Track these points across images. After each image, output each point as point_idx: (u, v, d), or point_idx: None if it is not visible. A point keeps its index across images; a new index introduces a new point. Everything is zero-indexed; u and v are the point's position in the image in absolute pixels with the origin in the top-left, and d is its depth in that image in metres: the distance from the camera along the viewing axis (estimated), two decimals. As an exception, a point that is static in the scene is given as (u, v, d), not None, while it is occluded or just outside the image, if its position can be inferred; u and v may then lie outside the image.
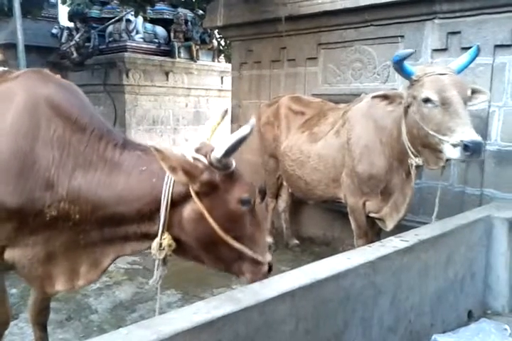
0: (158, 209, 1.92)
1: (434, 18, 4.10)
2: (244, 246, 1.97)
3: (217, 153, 1.87)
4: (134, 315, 3.38)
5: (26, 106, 2.02)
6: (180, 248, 2.00)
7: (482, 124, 3.89)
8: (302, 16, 4.91)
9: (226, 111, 2.34)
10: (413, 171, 3.11)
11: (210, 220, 1.88)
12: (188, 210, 1.93)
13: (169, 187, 1.90)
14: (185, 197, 1.91)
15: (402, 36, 4.33)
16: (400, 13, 4.23)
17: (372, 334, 2.28)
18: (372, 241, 2.95)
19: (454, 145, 2.70)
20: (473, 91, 2.91)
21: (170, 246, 1.96)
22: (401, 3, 4.15)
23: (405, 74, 3.00)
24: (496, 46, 3.79)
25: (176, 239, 1.97)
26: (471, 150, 2.65)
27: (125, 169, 1.97)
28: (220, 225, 1.89)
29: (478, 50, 2.89)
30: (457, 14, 3.96)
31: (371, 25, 4.52)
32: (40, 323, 2.60)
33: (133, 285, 3.90)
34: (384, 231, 3.58)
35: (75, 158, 1.98)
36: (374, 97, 3.13)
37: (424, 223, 3.47)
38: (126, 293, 3.75)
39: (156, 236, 1.96)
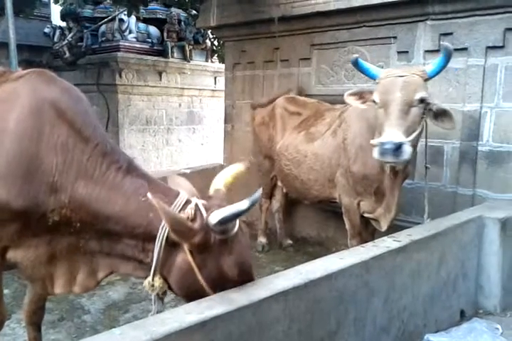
0: (150, 244, 1.92)
1: (426, 20, 4.12)
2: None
3: (213, 219, 1.81)
4: (127, 316, 3.37)
5: (31, 109, 2.01)
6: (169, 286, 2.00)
7: (474, 125, 3.92)
8: (295, 17, 4.92)
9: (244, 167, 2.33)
10: (400, 171, 3.16)
11: (199, 277, 1.86)
12: (179, 259, 1.90)
13: (164, 231, 1.87)
14: (180, 245, 1.88)
15: (394, 37, 4.35)
16: (393, 14, 4.25)
17: (365, 334, 2.29)
18: (366, 242, 2.96)
19: (375, 146, 2.74)
20: (444, 115, 2.92)
21: (161, 287, 1.96)
22: (393, 5, 4.16)
23: (370, 76, 3.09)
24: (488, 47, 3.82)
25: (164, 279, 1.96)
26: (381, 151, 2.68)
27: (124, 193, 1.97)
28: (207, 281, 1.86)
29: (450, 52, 2.85)
30: (449, 16, 3.98)
31: (364, 26, 4.54)
32: (35, 323, 2.58)
33: (126, 286, 3.88)
34: (378, 231, 3.59)
35: (78, 167, 1.99)
36: (349, 95, 3.16)
37: (417, 223, 3.50)
38: (119, 294, 3.74)
39: (149, 269, 1.95)
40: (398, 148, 2.64)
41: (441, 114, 2.94)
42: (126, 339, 1.47)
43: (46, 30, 10.25)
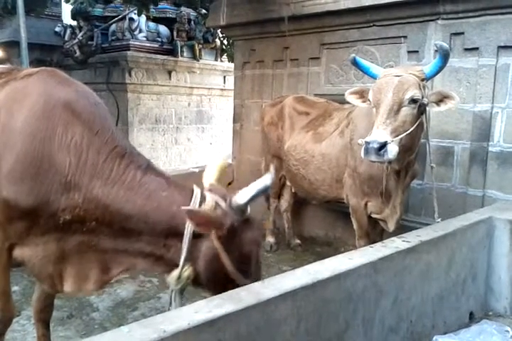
0: (175, 237, 1.99)
1: (437, 19, 4.09)
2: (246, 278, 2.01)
3: (241, 200, 1.96)
4: (136, 314, 3.38)
5: (44, 110, 2.02)
6: (195, 280, 2.06)
7: (485, 125, 3.89)
8: (305, 16, 4.91)
9: (226, 161, 2.49)
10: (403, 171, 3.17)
11: (227, 261, 1.95)
12: (206, 247, 1.98)
13: (190, 227, 1.95)
14: (204, 234, 1.97)
15: (405, 37, 4.32)
16: (403, 13, 4.23)
17: (373, 335, 2.28)
18: (374, 242, 2.95)
19: (362, 145, 2.73)
20: (445, 96, 2.89)
21: (188, 278, 2.01)
22: (404, 4, 4.14)
23: (370, 75, 3.10)
24: (500, 47, 3.78)
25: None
26: (365, 150, 2.67)
27: (144, 191, 2.01)
28: (234, 265, 1.96)
29: (447, 52, 2.80)
30: (460, 15, 3.95)
31: (374, 25, 4.52)
32: (44, 320, 2.60)
33: (134, 284, 3.90)
34: (387, 231, 3.58)
35: (93, 168, 2.00)
36: (350, 93, 3.17)
37: (427, 224, 3.47)
38: (128, 291, 3.75)
39: (170, 263, 2.03)
40: (382, 147, 2.62)
41: (441, 99, 2.91)
42: (134, 337, 1.47)
43: (57, 29, 10.33)
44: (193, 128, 10.03)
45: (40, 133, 1.99)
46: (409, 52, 4.30)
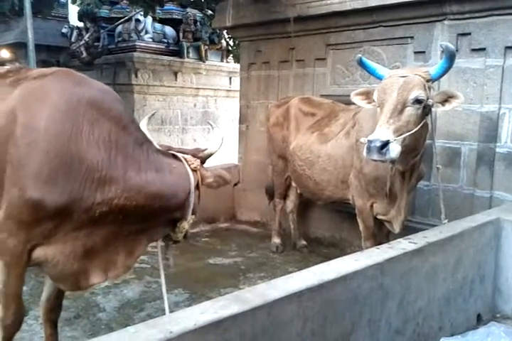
0: (187, 198, 2.37)
1: (443, 20, 4.07)
2: None
3: (213, 150, 2.62)
4: (142, 314, 3.39)
5: (67, 107, 2.04)
6: None
7: (492, 126, 3.87)
8: (311, 17, 4.91)
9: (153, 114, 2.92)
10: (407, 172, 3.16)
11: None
12: (196, 196, 2.45)
13: (193, 179, 2.40)
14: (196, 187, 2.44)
15: (411, 37, 4.31)
16: (409, 14, 4.22)
17: (379, 337, 2.27)
18: (381, 243, 2.94)
19: (364, 145, 2.72)
20: (449, 96, 2.88)
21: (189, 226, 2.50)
22: (410, 4, 4.13)
23: (376, 76, 3.10)
24: (507, 47, 3.76)
25: None
26: (368, 149, 2.66)
27: (165, 167, 2.32)
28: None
29: (452, 53, 2.78)
30: (467, 15, 3.94)
31: (380, 26, 4.51)
32: (52, 320, 2.61)
33: (141, 284, 3.91)
34: (393, 233, 3.56)
35: (125, 160, 2.13)
36: (355, 94, 3.17)
37: (433, 225, 3.46)
38: (134, 292, 3.76)
39: (176, 221, 2.43)
40: (384, 146, 2.61)
41: (446, 99, 2.89)
42: (140, 338, 1.48)
43: (64, 30, 10.39)
44: (198, 129, 10.05)
45: (66, 132, 2.01)
46: (415, 52, 4.29)
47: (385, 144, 2.61)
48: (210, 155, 2.61)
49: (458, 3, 3.91)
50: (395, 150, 2.63)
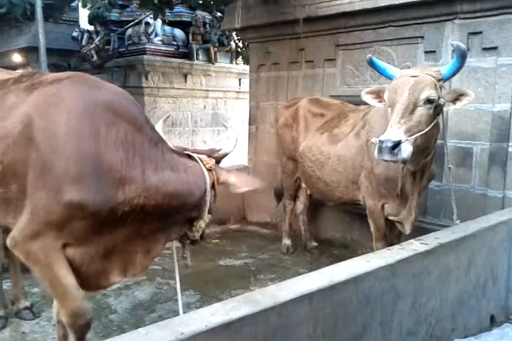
0: (203, 197, 2.39)
1: (454, 19, 4.04)
2: None
3: (228, 150, 2.64)
4: (153, 315, 3.40)
5: (85, 111, 2.09)
6: None
7: (504, 126, 3.83)
8: (320, 18, 4.90)
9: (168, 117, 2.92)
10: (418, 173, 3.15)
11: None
12: (211, 195, 2.45)
13: (209, 178, 2.42)
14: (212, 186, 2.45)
15: (421, 37, 4.28)
16: (420, 13, 4.19)
17: (391, 338, 2.26)
18: (392, 244, 2.92)
19: (376, 145, 2.69)
20: (460, 94, 2.86)
21: (207, 225, 2.50)
22: (420, 4, 4.10)
23: (387, 76, 3.08)
24: (519, 46, 3.73)
25: None
26: (379, 149, 2.64)
27: (180, 166, 2.35)
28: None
29: (463, 52, 2.76)
30: (478, 14, 3.90)
31: (390, 26, 4.49)
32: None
33: (152, 286, 3.93)
34: (404, 234, 3.54)
35: (142, 160, 2.17)
36: (366, 93, 3.15)
37: (446, 226, 3.43)
38: (146, 294, 3.78)
39: (193, 221, 2.45)
40: (396, 146, 2.59)
41: (457, 97, 2.87)
42: (152, 339, 1.48)
43: (74, 33, 10.46)
44: (208, 130, 10.06)
45: (85, 135, 2.06)
46: (426, 52, 4.27)
47: (397, 144, 2.59)
48: (225, 155, 2.63)
49: (469, 1, 3.88)
50: (406, 150, 2.61)
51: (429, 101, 2.73)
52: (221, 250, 4.93)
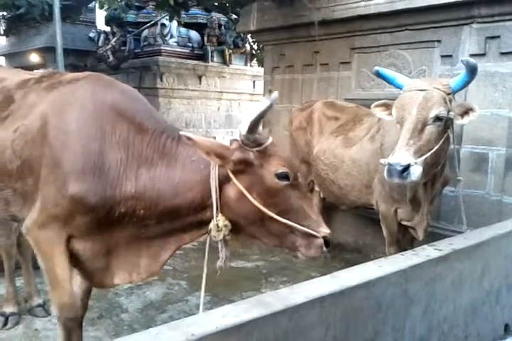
0: (209, 196, 2.01)
1: (471, 23, 4.00)
2: (293, 220, 1.97)
3: (243, 130, 1.93)
4: (164, 316, 3.41)
5: (93, 112, 2.15)
6: (235, 228, 2.06)
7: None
8: (336, 20, 4.89)
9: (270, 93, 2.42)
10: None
11: (250, 197, 1.94)
12: (231, 190, 1.99)
13: (215, 171, 1.98)
14: (228, 179, 1.99)
15: (438, 41, 4.24)
16: (437, 17, 4.15)
17: (403, 344, 2.23)
18: (404, 250, 2.89)
19: (385, 166, 2.68)
20: (469, 109, 2.81)
21: (226, 226, 2.03)
22: (438, 8, 4.07)
23: (396, 86, 3.06)
24: (538, 51, 3.68)
25: (229, 220, 2.04)
26: (388, 172, 2.63)
27: (180, 161, 2.09)
28: (262, 201, 1.95)
29: (473, 67, 2.72)
30: (496, 18, 3.86)
31: (406, 29, 4.46)
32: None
33: (163, 286, 3.94)
34: (417, 239, 3.51)
35: (139, 158, 2.12)
36: (375, 106, 3.14)
37: (459, 232, 3.39)
38: (157, 294, 3.79)
39: (210, 221, 2.05)
40: (406, 169, 2.59)
41: (466, 111, 2.83)
42: (162, 339, 1.49)
43: (91, 34, 10.58)
44: (222, 132, 10.09)
45: (92, 134, 2.11)
46: (442, 56, 4.23)
47: (406, 168, 2.59)
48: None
49: (487, 5, 3.83)
50: (415, 173, 2.62)
51: (438, 118, 2.70)
52: (233, 252, 4.88)
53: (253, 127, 1.93)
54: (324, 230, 2.03)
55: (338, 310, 1.92)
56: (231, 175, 1.96)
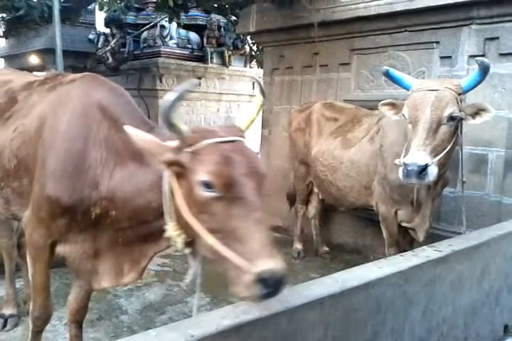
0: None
1: (471, 24, 4.01)
2: (223, 242, 1.53)
3: (161, 120, 1.64)
4: (163, 317, 3.41)
5: (82, 112, 2.15)
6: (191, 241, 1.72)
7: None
8: (335, 22, 4.89)
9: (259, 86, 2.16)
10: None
11: (178, 202, 1.63)
12: (176, 195, 1.68)
13: (166, 172, 1.69)
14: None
15: (437, 42, 4.25)
16: (436, 18, 4.16)
17: (402, 346, 2.23)
18: (404, 251, 2.89)
19: (400, 166, 2.68)
20: (481, 109, 2.83)
21: (178, 235, 1.71)
22: (437, 9, 4.08)
23: (403, 87, 3.04)
24: (537, 52, 3.69)
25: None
26: (405, 172, 2.62)
27: (146, 159, 1.89)
28: (193, 213, 1.59)
29: (487, 67, 2.73)
30: (495, 19, 3.87)
31: (405, 30, 4.46)
32: (77, 321, 2.64)
33: (162, 287, 3.94)
34: (417, 240, 3.51)
35: (116, 157, 2.08)
36: (382, 105, 3.14)
37: (459, 233, 3.39)
38: (156, 295, 3.79)
39: None
40: (423, 170, 2.59)
41: (477, 111, 2.84)
42: (162, 341, 1.49)
43: (91, 36, 10.58)
44: (221, 133, 10.08)
45: (80, 133, 2.11)
46: (441, 57, 4.24)
47: (424, 168, 2.58)
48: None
49: (486, 7, 3.84)
50: (433, 173, 2.62)
51: (451, 118, 2.70)
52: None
53: (167, 113, 1.60)
54: (262, 265, 1.44)
55: (337, 311, 1.92)
56: (169, 178, 1.67)
